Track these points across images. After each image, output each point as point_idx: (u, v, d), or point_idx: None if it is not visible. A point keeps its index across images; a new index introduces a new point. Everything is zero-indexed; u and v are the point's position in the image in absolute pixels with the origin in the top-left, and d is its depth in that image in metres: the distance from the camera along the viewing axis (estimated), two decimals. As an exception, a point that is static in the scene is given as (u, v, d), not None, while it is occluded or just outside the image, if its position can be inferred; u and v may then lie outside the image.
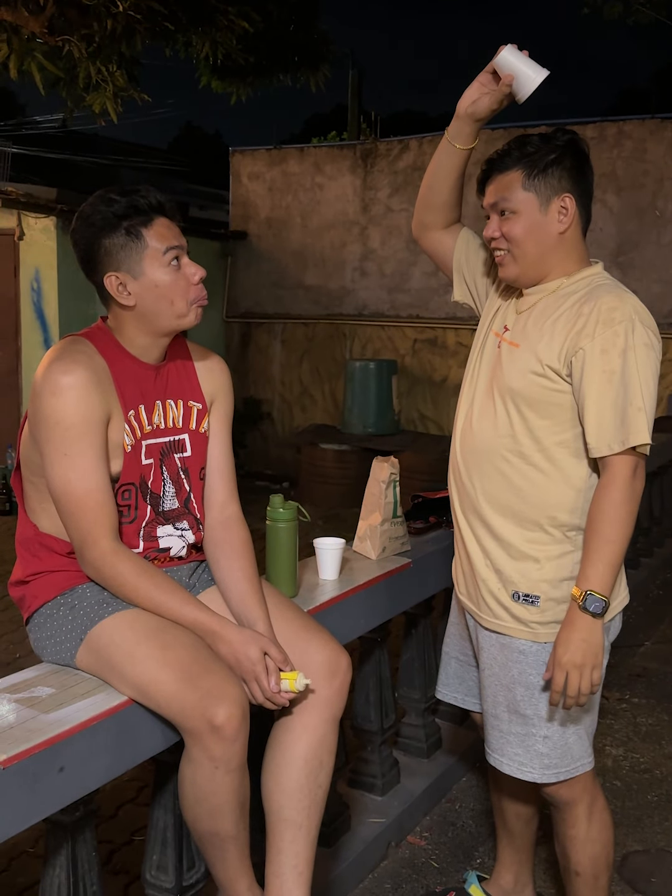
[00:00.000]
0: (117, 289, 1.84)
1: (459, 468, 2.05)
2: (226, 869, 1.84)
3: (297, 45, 7.38)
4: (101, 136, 20.71)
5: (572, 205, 1.88)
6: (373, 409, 8.26)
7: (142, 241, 1.82)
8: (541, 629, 1.93)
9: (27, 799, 1.51)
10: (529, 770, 1.99)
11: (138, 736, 1.74)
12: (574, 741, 1.98)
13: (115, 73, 6.18)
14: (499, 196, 1.91)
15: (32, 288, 7.76)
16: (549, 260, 1.91)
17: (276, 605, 1.97)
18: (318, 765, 1.90)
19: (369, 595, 2.45)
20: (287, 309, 9.49)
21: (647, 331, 1.81)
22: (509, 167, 1.89)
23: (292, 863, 1.88)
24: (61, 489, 1.78)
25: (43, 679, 1.79)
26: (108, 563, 1.78)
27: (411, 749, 3.00)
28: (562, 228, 1.89)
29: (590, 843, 2.05)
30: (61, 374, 1.77)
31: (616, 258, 8.18)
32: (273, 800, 1.90)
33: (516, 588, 1.94)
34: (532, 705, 1.96)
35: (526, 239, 1.89)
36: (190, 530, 2.00)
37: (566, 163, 1.88)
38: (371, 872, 2.57)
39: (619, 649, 4.29)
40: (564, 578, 1.91)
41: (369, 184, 9.19)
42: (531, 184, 1.87)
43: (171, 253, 1.83)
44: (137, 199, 1.82)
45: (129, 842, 2.74)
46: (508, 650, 1.97)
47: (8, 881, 2.56)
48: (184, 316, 1.87)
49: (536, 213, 1.88)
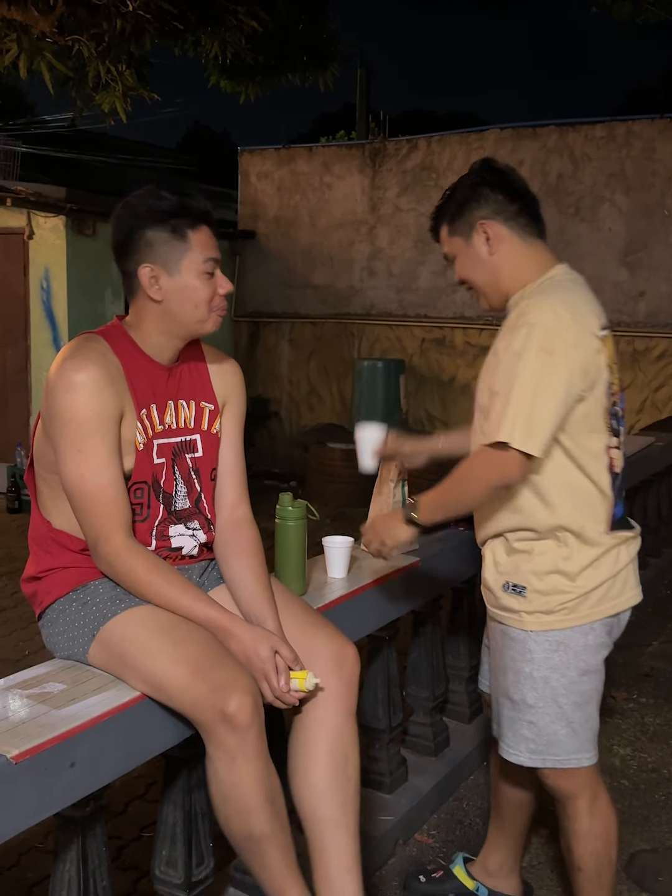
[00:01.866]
0: (149, 280, 1.86)
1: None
2: (270, 876, 1.79)
3: (306, 45, 7.38)
4: (109, 136, 20.74)
5: (492, 226, 2.01)
6: (381, 408, 8.25)
7: (185, 243, 1.85)
8: (527, 617, 2.00)
9: (39, 794, 1.52)
10: (516, 753, 2.06)
11: (149, 732, 1.76)
12: (564, 735, 2.01)
13: (124, 73, 6.19)
14: (444, 250, 2.12)
15: (42, 287, 7.79)
16: (501, 280, 2.03)
17: (283, 601, 1.98)
18: (343, 757, 1.90)
19: (377, 593, 2.46)
20: (295, 308, 9.51)
21: (549, 336, 1.85)
22: (438, 225, 2.10)
23: (337, 861, 1.86)
24: (75, 485, 1.79)
25: (55, 675, 1.80)
26: (121, 559, 1.79)
27: (419, 747, 3.00)
28: (490, 251, 2.02)
29: (592, 839, 2.07)
30: (74, 371, 1.78)
31: (625, 258, 8.17)
32: (305, 801, 1.89)
33: (508, 579, 2.03)
34: (518, 691, 2.03)
35: (471, 274, 2.07)
36: (201, 530, 2.01)
37: (473, 197, 2.02)
38: (379, 870, 2.57)
39: (627, 649, 4.28)
40: (549, 572, 1.98)
41: (378, 183, 9.20)
42: (453, 229, 2.06)
43: (209, 264, 1.87)
44: (188, 202, 1.86)
45: (138, 838, 2.76)
46: (504, 637, 2.06)
47: (18, 876, 2.58)
48: (204, 321, 1.90)
49: (465, 249, 2.05)
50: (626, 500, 2.05)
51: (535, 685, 2.00)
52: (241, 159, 9.95)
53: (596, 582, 1.98)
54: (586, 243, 8.26)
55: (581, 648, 1.99)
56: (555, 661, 1.98)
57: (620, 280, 8.21)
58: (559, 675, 1.99)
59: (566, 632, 1.97)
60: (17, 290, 7.89)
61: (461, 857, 2.48)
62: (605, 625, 2.02)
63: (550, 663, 1.99)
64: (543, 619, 1.98)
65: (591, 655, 2.01)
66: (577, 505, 1.96)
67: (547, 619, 1.98)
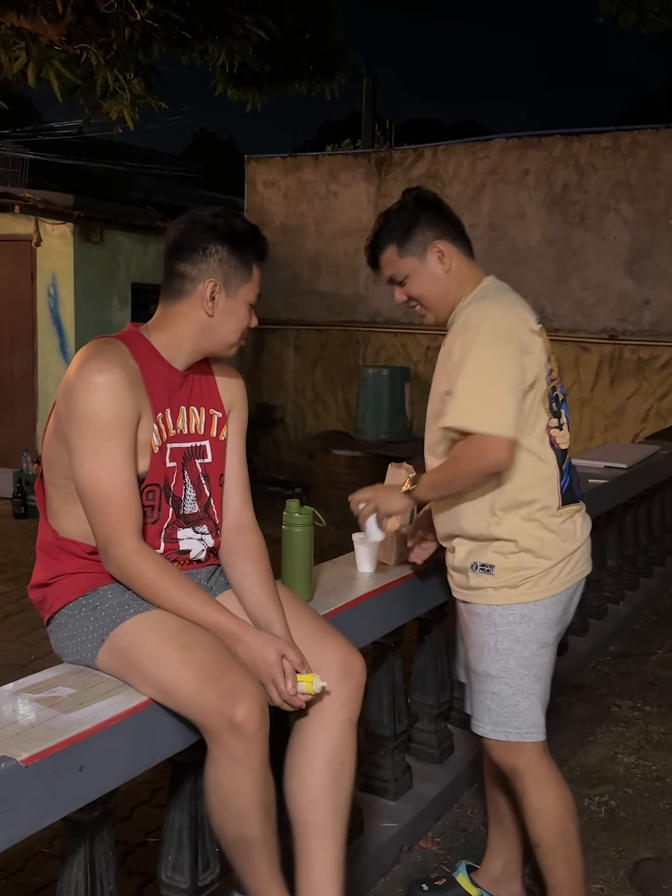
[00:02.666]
0: (210, 294, 1.90)
1: None
2: (256, 877, 1.84)
3: (313, 54, 7.41)
4: (116, 143, 20.84)
5: (446, 246, 2.16)
6: (386, 415, 8.28)
7: (249, 273, 1.94)
8: (493, 593, 2.13)
9: (48, 797, 1.53)
10: (481, 724, 2.18)
11: (157, 736, 1.77)
12: (526, 707, 2.14)
13: (132, 81, 6.23)
14: (389, 273, 2.21)
15: (49, 293, 7.82)
16: (450, 295, 2.18)
17: (290, 607, 1.99)
18: (340, 766, 1.92)
19: (383, 600, 2.47)
20: (301, 315, 9.53)
21: (495, 331, 2.02)
22: (383, 248, 2.19)
23: (322, 868, 1.89)
24: (90, 485, 1.81)
25: (63, 679, 1.82)
26: (131, 562, 1.81)
27: (424, 754, 3.01)
28: (446, 268, 2.17)
29: (542, 814, 2.16)
30: (97, 372, 1.81)
31: (629, 266, 8.19)
32: (298, 805, 1.92)
33: (476, 559, 2.15)
34: (482, 663, 2.15)
35: (425, 291, 2.19)
36: (209, 534, 2.03)
37: (421, 219, 2.16)
38: (383, 877, 2.58)
39: (632, 657, 4.29)
40: (515, 550, 2.11)
41: (383, 191, 9.23)
42: (404, 250, 2.16)
43: (256, 300, 1.97)
44: (260, 238, 1.97)
45: (144, 843, 2.77)
46: (469, 613, 2.20)
47: (24, 881, 2.59)
48: (233, 346, 1.99)
49: (420, 268, 2.17)
50: (572, 476, 2.22)
51: (499, 656, 2.12)
52: (247, 167, 9.99)
53: (559, 556, 2.12)
54: (591, 252, 8.27)
55: (542, 621, 2.12)
56: (517, 634, 2.11)
57: (625, 289, 8.22)
58: (521, 647, 2.11)
59: (529, 605, 2.11)
60: (24, 297, 7.93)
61: (464, 864, 2.49)
62: (562, 600, 2.16)
63: (513, 635, 2.11)
64: (509, 592, 2.11)
65: (550, 629, 2.15)
66: (527, 482, 2.10)
67: (512, 592, 2.11)
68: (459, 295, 2.18)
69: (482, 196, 8.67)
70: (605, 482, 4.19)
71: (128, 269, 8.17)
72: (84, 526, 1.88)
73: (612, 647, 4.41)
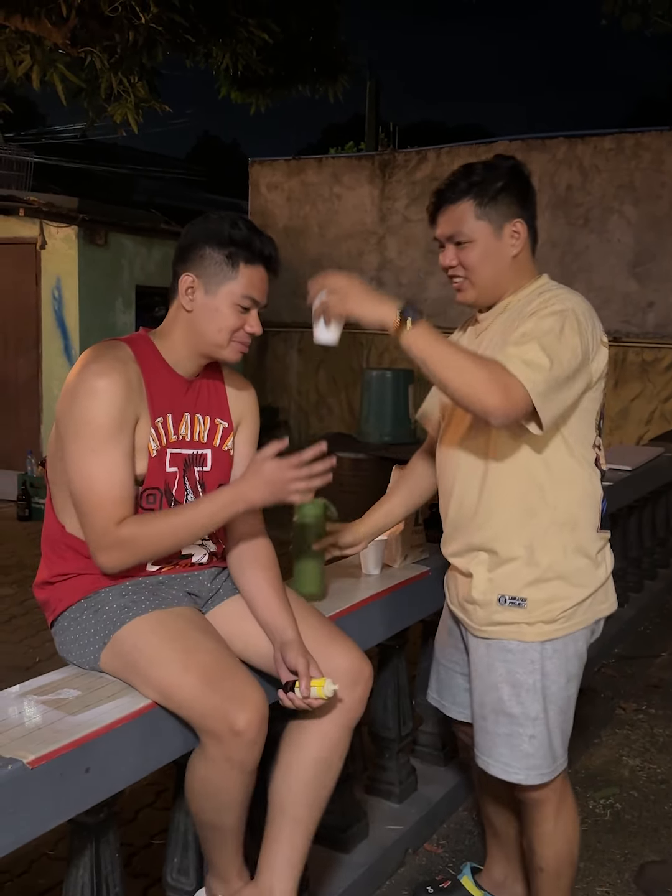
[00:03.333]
0: (186, 289, 1.90)
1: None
2: (222, 859, 1.90)
3: (316, 56, 7.42)
4: (119, 146, 20.86)
5: (524, 229, 1.96)
6: (389, 418, 8.27)
7: (234, 272, 1.89)
8: (528, 629, 1.96)
9: (54, 799, 1.53)
10: (515, 771, 2.01)
11: (163, 738, 1.77)
12: (557, 742, 2.02)
13: (136, 84, 6.25)
14: (453, 228, 1.97)
15: (53, 296, 7.83)
16: (503, 281, 1.99)
17: (300, 612, 1.99)
18: (327, 767, 1.94)
19: (388, 603, 2.47)
20: (304, 318, 9.44)
21: (580, 322, 1.86)
22: (459, 198, 1.95)
23: (286, 853, 1.91)
24: (85, 486, 1.80)
25: (69, 681, 1.82)
26: (119, 540, 1.79)
27: (428, 757, 3.01)
28: (515, 252, 1.97)
29: (556, 841, 2.10)
30: (97, 375, 1.81)
31: (633, 269, 8.18)
32: (278, 794, 1.94)
33: (503, 592, 1.97)
34: (519, 703, 1.98)
35: (482, 265, 1.96)
36: (210, 540, 2.03)
37: (513, 189, 1.96)
38: (388, 879, 2.57)
39: (636, 660, 4.28)
40: (549, 578, 1.95)
41: (387, 194, 9.24)
42: (483, 212, 1.94)
43: (246, 300, 1.90)
44: (256, 240, 1.91)
45: (148, 845, 2.77)
46: (494, 650, 2.00)
47: (29, 883, 2.59)
48: (221, 347, 1.92)
49: (491, 239, 1.95)
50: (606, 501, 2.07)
51: (537, 696, 1.97)
52: (251, 170, 10.01)
53: (593, 586, 1.98)
54: (595, 254, 8.27)
55: (572, 654, 1.99)
56: (548, 669, 1.98)
57: (629, 291, 8.22)
58: (551, 682, 1.98)
59: (561, 639, 1.97)
60: (29, 300, 7.94)
61: (469, 867, 2.49)
62: (589, 630, 2.03)
63: (545, 671, 1.98)
64: (545, 628, 1.95)
65: (578, 660, 2.02)
66: (578, 498, 1.95)
67: (548, 628, 1.95)
68: (510, 285, 1.99)
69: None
70: (609, 484, 4.18)
71: (132, 272, 8.18)
72: None
73: (616, 649, 4.40)
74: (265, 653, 1.92)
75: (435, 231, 2.03)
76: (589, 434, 1.97)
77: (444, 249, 2.01)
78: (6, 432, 8.19)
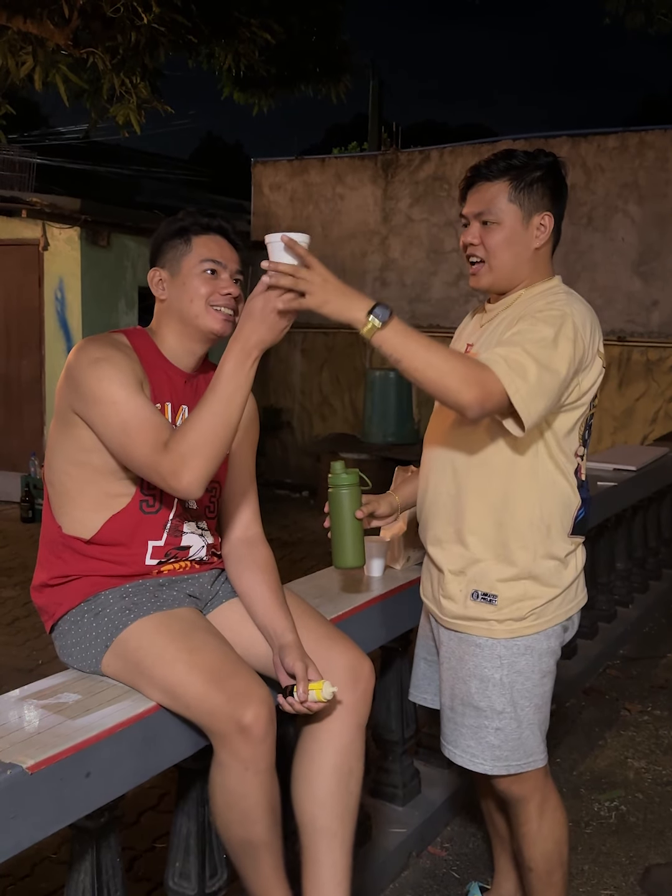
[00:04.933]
0: (156, 282, 1.95)
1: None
2: (259, 880, 1.82)
3: (319, 56, 7.41)
4: (122, 147, 20.86)
5: (550, 223, 1.96)
6: (393, 418, 8.26)
7: (188, 246, 1.93)
8: (497, 626, 1.98)
9: (54, 804, 1.52)
10: (481, 762, 2.03)
11: (164, 742, 1.76)
12: (528, 735, 2.02)
13: (138, 85, 6.24)
14: (483, 206, 1.95)
15: (56, 297, 7.83)
16: (521, 272, 1.97)
17: (298, 614, 1.98)
18: (348, 771, 1.91)
19: (391, 604, 2.45)
20: (307, 318, 9.39)
21: (576, 331, 1.85)
22: (496, 177, 1.95)
23: (330, 873, 1.87)
24: (120, 433, 1.77)
25: (69, 685, 1.81)
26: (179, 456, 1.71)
27: (432, 759, 2.99)
28: (538, 244, 1.96)
29: (541, 840, 2.10)
30: (97, 349, 1.83)
31: (638, 268, 8.16)
32: (305, 810, 1.90)
33: (476, 587, 1.99)
34: (486, 697, 2.00)
35: (504, 250, 1.95)
36: (209, 531, 2.04)
37: (549, 182, 1.95)
38: (392, 882, 2.56)
39: (641, 661, 4.27)
40: (519, 577, 1.97)
41: (390, 194, 9.22)
42: (516, 196, 1.93)
43: (207, 263, 1.91)
44: (203, 216, 1.95)
45: (151, 849, 2.76)
46: (465, 644, 2.02)
47: (31, 886, 2.58)
48: (200, 316, 1.91)
49: (518, 225, 1.94)
50: (587, 509, 2.06)
51: (504, 690, 1.99)
52: (254, 171, 10.00)
53: (562, 586, 2.00)
54: (599, 253, 8.26)
55: (544, 651, 2.01)
56: (521, 666, 1.99)
57: (633, 290, 8.20)
58: (524, 678, 1.99)
59: (532, 636, 1.99)
60: (31, 301, 7.94)
61: (476, 886, 2.45)
62: (563, 627, 2.05)
63: (517, 667, 1.99)
64: (514, 626, 1.97)
65: (551, 657, 2.03)
66: (554, 503, 1.96)
67: (517, 625, 1.97)
68: (525, 278, 1.98)
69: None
70: (614, 485, 4.18)
71: (135, 273, 8.17)
72: (86, 525, 1.89)
73: (621, 650, 4.39)
74: (265, 656, 1.91)
75: (462, 207, 2.02)
76: (572, 443, 1.97)
77: (469, 227, 1.99)
78: (9, 434, 8.20)
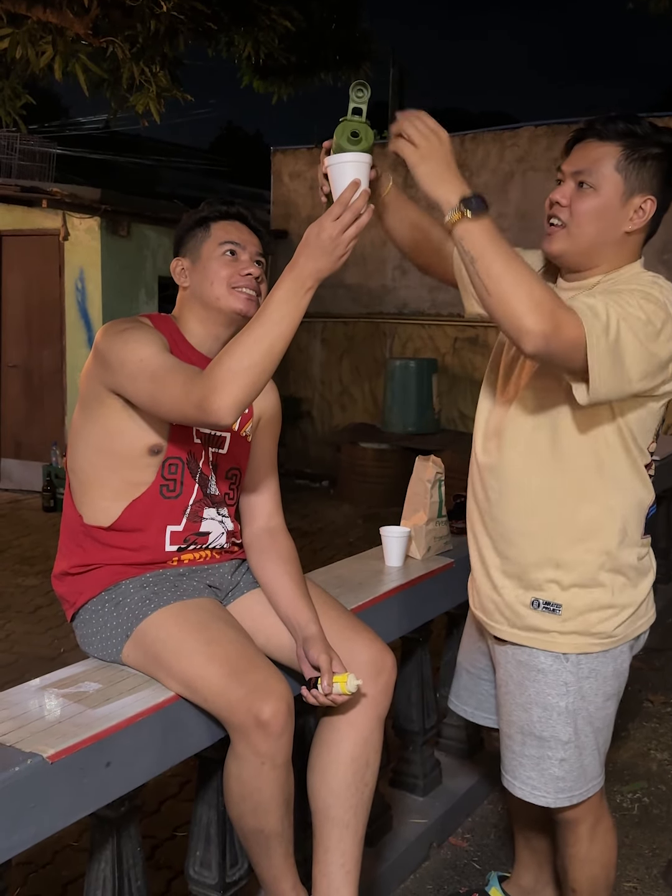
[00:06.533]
0: (179, 272, 1.97)
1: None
2: (270, 867, 1.84)
3: (339, 44, 7.37)
4: (142, 137, 20.90)
5: (651, 209, 1.72)
6: (413, 408, 8.22)
7: (207, 232, 1.96)
8: (560, 639, 1.82)
9: (74, 793, 1.52)
10: (543, 794, 1.90)
11: (184, 732, 1.76)
12: (589, 762, 1.90)
13: (158, 74, 6.21)
14: (585, 165, 1.71)
15: (77, 288, 7.84)
16: (602, 253, 1.75)
17: (320, 605, 1.97)
18: (365, 763, 1.90)
19: (412, 595, 2.44)
20: (327, 307, 9.50)
21: (669, 321, 1.64)
22: (610, 138, 1.70)
23: (339, 861, 1.88)
24: (148, 381, 1.74)
25: (90, 674, 1.81)
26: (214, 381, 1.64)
27: (453, 750, 2.98)
28: (630, 228, 1.73)
29: (589, 863, 2.00)
30: (122, 323, 1.87)
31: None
32: (320, 799, 1.91)
33: (537, 595, 1.83)
34: (549, 727, 1.86)
35: (591, 221, 1.72)
36: (229, 518, 2.04)
37: (665, 164, 1.72)
38: (413, 873, 2.56)
39: (664, 652, 4.23)
40: (590, 584, 1.81)
41: (410, 181, 9.13)
42: (625, 166, 1.69)
43: (226, 245, 1.93)
44: (220, 204, 1.99)
45: (172, 837, 2.76)
46: (526, 668, 1.87)
47: (52, 874, 2.60)
48: (223, 298, 1.91)
49: (615, 199, 1.70)
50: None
51: (569, 720, 1.84)
52: (273, 159, 9.96)
53: (635, 598, 1.84)
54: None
55: (610, 673, 1.86)
56: (585, 689, 1.84)
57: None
58: (587, 702, 1.85)
59: (599, 656, 1.83)
60: (52, 292, 7.96)
61: (496, 876, 2.42)
62: (630, 646, 1.90)
63: (581, 692, 1.84)
64: (579, 640, 1.81)
65: (616, 679, 1.88)
66: (628, 502, 1.80)
67: (582, 640, 1.81)
68: (605, 263, 1.75)
69: (510, 185, 8.59)
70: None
71: (154, 263, 8.17)
72: (106, 514, 1.90)
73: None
74: (287, 647, 1.90)
75: (563, 162, 1.78)
76: (647, 437, 1.80)
77: (561, 185, 1.75)
78: (31, 424, 8.23)
